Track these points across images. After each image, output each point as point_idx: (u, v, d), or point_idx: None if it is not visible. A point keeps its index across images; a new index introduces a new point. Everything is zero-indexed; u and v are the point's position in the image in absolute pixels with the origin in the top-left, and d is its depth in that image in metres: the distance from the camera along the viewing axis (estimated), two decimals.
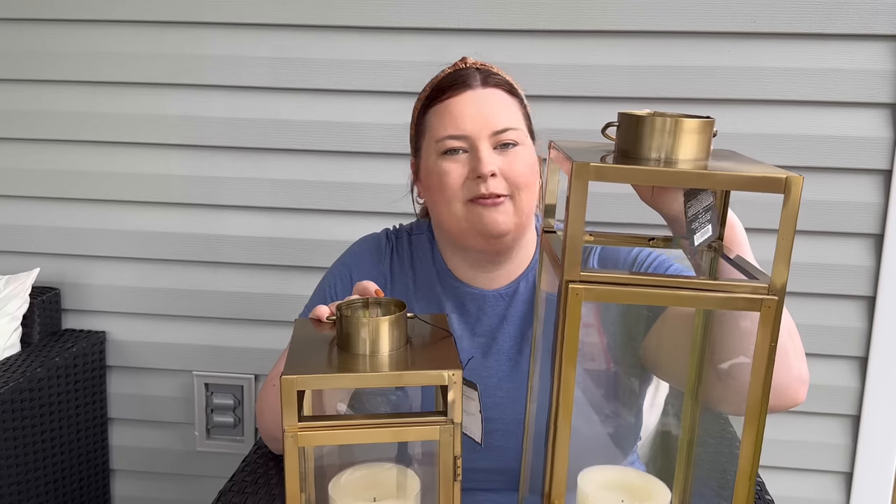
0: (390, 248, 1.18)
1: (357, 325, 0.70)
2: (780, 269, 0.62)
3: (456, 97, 1.05)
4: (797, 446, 1.75)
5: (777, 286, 0.62)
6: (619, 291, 0.62)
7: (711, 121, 0.65)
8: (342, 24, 1.71)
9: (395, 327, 0.71)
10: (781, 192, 0.60)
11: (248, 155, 1.79)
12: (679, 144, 0.63)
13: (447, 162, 1.04)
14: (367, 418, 0.67)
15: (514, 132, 1.04)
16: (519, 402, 0.99)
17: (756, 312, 0.62)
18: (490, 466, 1.04)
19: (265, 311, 1.85)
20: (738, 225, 0.85)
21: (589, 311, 0.87)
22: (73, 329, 1.91)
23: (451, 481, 0.66)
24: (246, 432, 1.93)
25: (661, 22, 1.63)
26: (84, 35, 1.78)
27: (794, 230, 0.61)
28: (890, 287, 1.66)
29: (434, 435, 0.66)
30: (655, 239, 0.81)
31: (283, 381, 0.65)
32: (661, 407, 1.46)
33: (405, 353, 0.71)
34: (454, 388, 0.66)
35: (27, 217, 1.88)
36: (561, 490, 0.65)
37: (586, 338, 0.80)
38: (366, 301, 0.77)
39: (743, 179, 0.62)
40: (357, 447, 0.76)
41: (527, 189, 1.04)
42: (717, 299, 0.63)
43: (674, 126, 0.63)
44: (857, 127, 1.63)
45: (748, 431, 0.63)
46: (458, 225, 1.06)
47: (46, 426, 1.70)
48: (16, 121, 1.84)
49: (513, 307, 1.11)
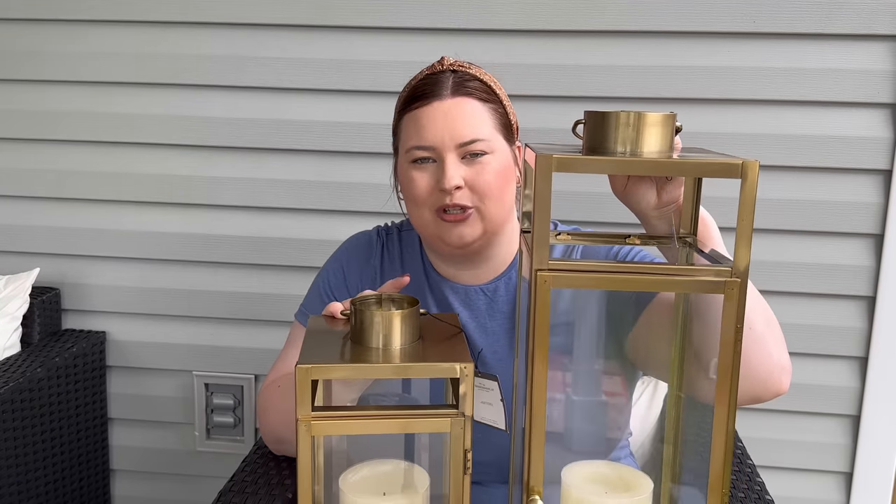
0: (381, 245, 1.21)
1: (370, 319, 0.71)
2: (742, 251, 0.64)
3: (425, 107, 1.06)
4: (797, 446, 1.75)
5: (740, 268, 0.64)
6: (586, 278, 0.65)
7: (673, 115, 0.68)
8: (342, 24, 1.71)
9: (408, 322, 0.72)
10: (738, 177, 0.63)
11: (248, 155, 1.79)
12: (642, 137, 0.66)
13: (415, 171, 1.06)
14: (379, 409, 0.68)
15: (482, 143, 1.04)
16: (505, 396, 1.01)
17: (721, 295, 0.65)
18: (479, 459, 1.05)
19: (265, 311, 1.85)
20: (711, 221, 0.88)
21: (574, 304, 0.88)
22: (73, 329, 1.91)
23: (461, 474, 0.67)
24: (246, 432, 1.93)
25: (661, 22, 1.63)
26: (84, 35, 1.78)
27: (753, 213, 0.64)
28: (890, 287, 1.66)
29: (445, 427, 0.67)
30: (632, 237, 0.84)
31: (298, 370, 0.66)
32: (654, 403, 1.47)
33: (417, 348, 0.72)
34: (466, 381, 0.67)
35: (27, 217, 1.89)
36: (539, 475, 0.66)
37: (566, 332, 0.82)
38: (379, 298, 0.79)
39: (701, 166, 0.66)
40: (367, 444, 0.77)
41: (494, 197, 1.05)
42: (681, 283, 0.66)
43: (637, 120, 0.66)
44: (857, 127, 1.63)
45: (719, 413, 0.66)
46: (427, 230, 1.09)
47: (46, 426, 1.70)
48: (16, 121, 1.84)
49: (496, 303, 1.13)
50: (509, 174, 1.08)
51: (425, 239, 1.14)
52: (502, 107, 1.10)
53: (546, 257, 0.64)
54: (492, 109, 1.07)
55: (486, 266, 1.14)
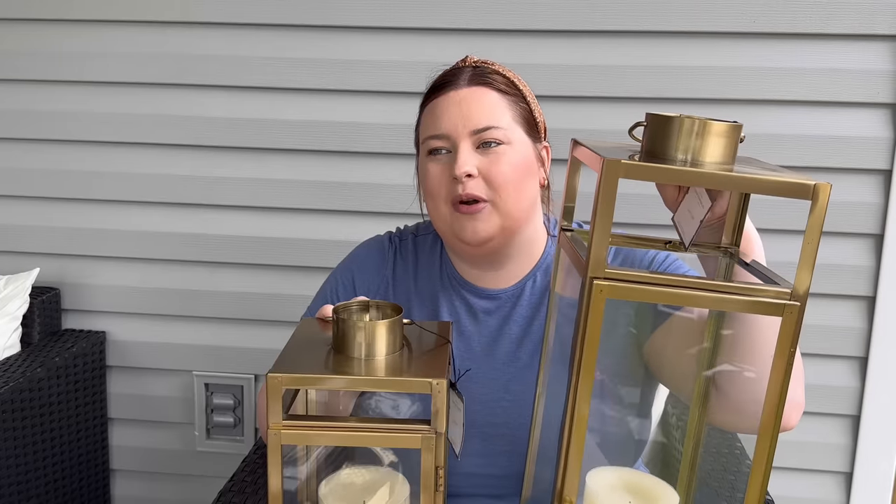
0: (393, 251, 1.17)
1: (352, 329, 0.70)
2: (804, 275, 0.62)
3: (441, 96, 1.05)
4: (797, 446, 1.75)
5: (800, 292, 0.62)
6: (643, 290, 0.62)
7: (739, 125, 0.65)
8: (343, 24, 1.71)
9: (390, 332, 0.71)
10: (809, 199, 0.61)
11: (248, 155, 1.79)
12: (706, 147, 0.64)
13: (431, 162, 1.04)
14: (352, 421, 0.67)
15: (497, 130, 1.01)
16: (525, 407, 0.97)
17: (777, 318, 0.63)
18: (497, 473, 1.04)
19: (265, 311, 1.85)
20: (755, 235, 0.84)
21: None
22: (73, 329, 1.91)
23: (432, 491, 0.66)
24: (246, 432, 1.93)
25: (661, 22, 1.63)
26: (84, 35, 1.78)
27: (819, 237, 0.62)
28: (890, 287, 1.66)
29: (416, 444, 0.66)
30: (672, 242, 0.81)
31: (268, 378, 0.66)
32: (666, 415, 1.45)
33: (399, 359, 0.71)
34: (438, 398, 0.65)
35: (27, 217, 1.88)
36: (574, 486, 0.64)
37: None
38: (365, 304, 0.77)
39: (773, 184, 0.62)
40: (350, 451, 0.76)
41: (509, 190, 1.02)
42: (739, 302, 0.63)
43: (702, 128, 0.63)
44: (857, 127, 1.63)
45: (762, 439, 0.65)
46: (444, 225, 1.06)
47: (46, 426, 1.70)
48: (16, 121, 1.84)
49: (517, 309, 1.09)
50: (530, 169, 1.05)
51: (445, 239, 1.10)
52: (525, 102, 1.07)
53: (603, 265, 0.62)
54: (511, 101, 1.05)
55: (508, 268, 1.10)
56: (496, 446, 1.03)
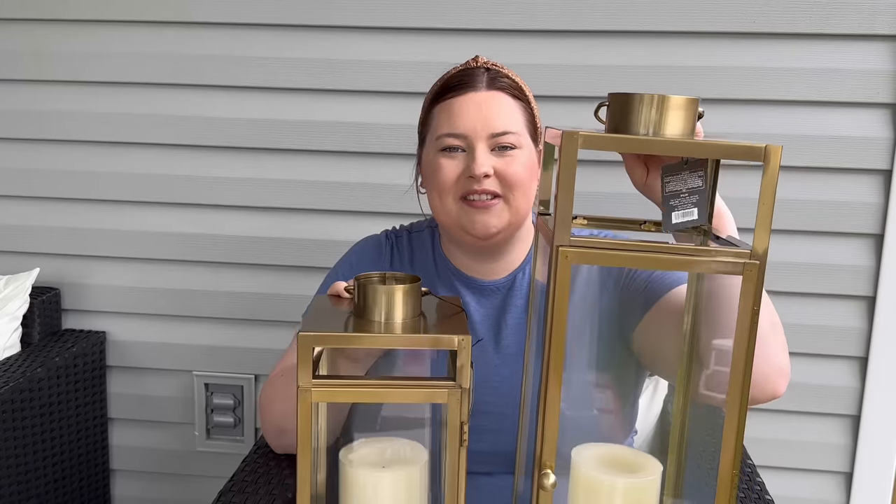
0: (390, 246, 1.23)
1: (373, 294, 0.73)
2: (762, 235, 0.64)
3: (460, 97, 1.09)
4: (797, 446, 1.75)
5: (759, 252, 0.64)
6: (606, 255, 0.65)
7: (696, 99, 0.68)
8: (343, 24, 1.71)
9: (409, 297, 0.74)
10: (761, 161, 0.64)
11: (248, 155, 1.79)
12: (665, 120, 0.67)
13: (444, 158, 1.09)
14: (378, 379, 0.70)
15: (513, 136, 1.07)
16: (515, 388, 1.02)
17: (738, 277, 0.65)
18: (485, 449, 1.06)
19: (265, 312, 1.85)
20: (727, 213, 0.88)
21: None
22: (73, 329, 1.91)
23: (457, 445, 0.69)
24: (246, 432, 1.93)
25: (661, 22, 1.63)
26: (84, 35, 1.78)
27: (774, 198, 0.64)
28: (890, 287, 1.66)
29: (443, 398, 0.68)
30: (647, 223, 0.84)
31: (300, 337, 0.67)
32: (654, 403, 1.47)
33: (418, 323, 0.74)
34: (463, 354, 0.68)
35: (27, 217, 1.88)
36: (552, 451, 0.67)
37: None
38: (383, 276, 0.80)
39: (725, 148, 0.65)
40: (369, 422, 0.80)
41: (522, 189, 1.08)
42: (700, 263, 0.66)
43: (660, 103, 0.67)
44: (857, 127, 1.63)
45: (731, 399, 0.66)
46: (450, 219, 1.11)
47: (46, 426, 1.70)
48: (16, 121, 1.84)
49: (511, 298, 1.15)
50: (534, 170, 1.10)
51: (447, 230, 1.15)
52: (530, 108, 1.13)
53: (568, 234, 0.64)
54: (522, 107, 1.11)
55: (502, 261, 1.16)
56: (486, 423, 1.07)
